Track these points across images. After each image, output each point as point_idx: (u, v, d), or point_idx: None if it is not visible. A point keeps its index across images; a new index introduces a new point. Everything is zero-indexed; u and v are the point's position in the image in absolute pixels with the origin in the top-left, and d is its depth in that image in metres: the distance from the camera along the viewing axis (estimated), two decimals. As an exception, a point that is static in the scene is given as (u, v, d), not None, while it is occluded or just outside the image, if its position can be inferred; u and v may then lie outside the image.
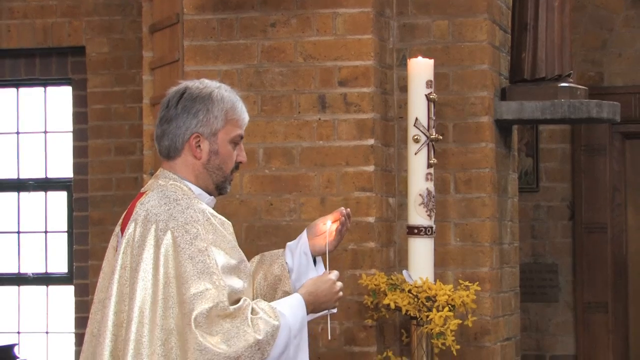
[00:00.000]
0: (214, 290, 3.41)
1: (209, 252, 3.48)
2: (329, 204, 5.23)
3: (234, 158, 3.69)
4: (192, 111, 3.60)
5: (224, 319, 3.41)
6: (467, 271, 5.43)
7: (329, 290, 3.71)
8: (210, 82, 3.71)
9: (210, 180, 3.67)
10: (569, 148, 7.00)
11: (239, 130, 3.67)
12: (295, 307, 3.61)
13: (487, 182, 5.49)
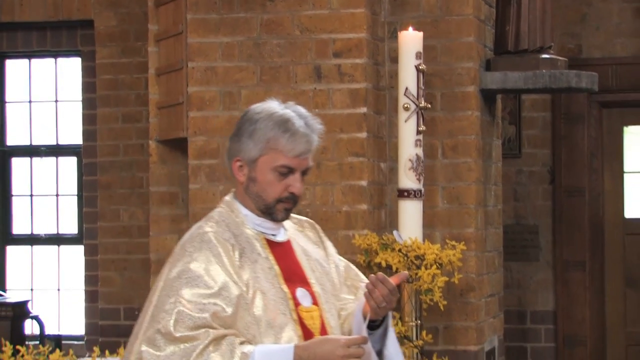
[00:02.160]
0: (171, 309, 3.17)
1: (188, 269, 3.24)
2: (324, 169, 5.24)
3: (280, 187, 3.32)
4: (240, 134, 3.37)
5: (171, 343, 3.15)
6: (453, 232, 5.43)
7: (332, 351, 3.16)
8: (272, 105, 3.39)
9: (253, 205, 3.38)
10: (550, 116, 6.99)
11: (284, 160, 3.30)
12: (274, 356, 3.18)
13: (473, 148, 5.49)
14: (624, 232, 7.04)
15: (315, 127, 3.38)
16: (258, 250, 3.35)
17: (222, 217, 3.40)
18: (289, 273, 3.39)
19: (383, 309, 3.28)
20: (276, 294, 3.30)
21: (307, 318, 3.34)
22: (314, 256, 3.53)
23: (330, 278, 3.52)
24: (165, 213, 5.90)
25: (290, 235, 3.50)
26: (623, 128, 7.04)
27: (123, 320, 7.48)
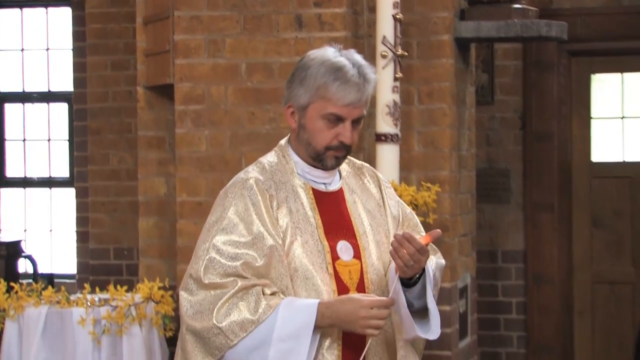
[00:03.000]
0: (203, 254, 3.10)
1: (225, 216, 3.12)
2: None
3: (329, 135, 3.15)
4: (293, 80, 3.21)
5: (202, 289, 3.06)
6: (428, 174, 5.44)
7: (354, 312, 3.01)
8: (326, 52, 3.21)
9: (304, 152, 3.22)
10: (521, 64, 6.97)
11: (333, 109, 3.12)
12: (299, 311, 3.04)
13: (447, 95, 5.49)
14: (590, 176, 7.05)
15: (369, 76, 3.18)
16: (302, 201, 3.21)
17: (271, 164, 3.27)
18: (333, 225, 3.22)
19: (412, 268, 3.07)
20: (314, 246, 3.16)
21: (343, 272, 3.18)
22: (369, 206, 3.34)
23: (386, 229, 3.32)
24: (153, 157, 5.88)
25: (346, 183, 3.33)
26: (591, 76, 7.03)
27: (113, 259, 7.49)
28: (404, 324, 3.18)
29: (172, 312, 5.13)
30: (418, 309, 3.19)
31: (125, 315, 4.95)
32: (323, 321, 3.04)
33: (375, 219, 3.32)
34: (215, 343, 3.03)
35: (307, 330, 3.02)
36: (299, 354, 3.02)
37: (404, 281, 3.13)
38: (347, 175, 3.35)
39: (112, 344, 4.95)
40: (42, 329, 4.94)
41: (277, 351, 3.02)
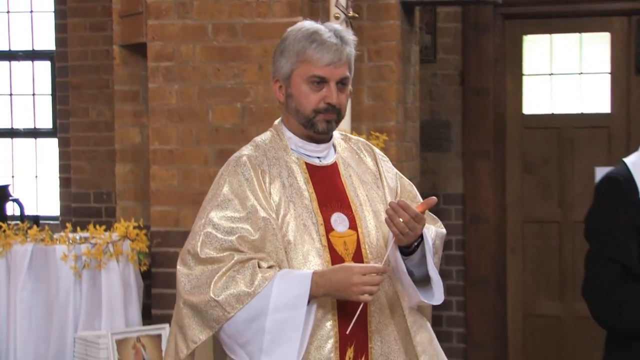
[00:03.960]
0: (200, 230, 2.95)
1: (220, 193, 2.98)
2: (265, 70, 5.20)
3: (315, 98, 2.98)
4: (274, 55, 3.07)
5: (199, 263, 2.90)
6: (377, 125, 5.45)
7: (347, 279, 2.81)
8: (303, 23, 3.08)
9: (296, 123, 3.05)
10: (460, 27, 6.96)
11: (315, 70, 2.95)
12: (293, 282, 2.86)
13: (394, 53, 5.48)
14: (522, 126, 7.08)
15: (347, 37, 3.02)
16: (295, 175, 3.03)
17: (264, 141, 3.10)
18: (327, 198, 3.04)
19: (408, 236, 2.88)
20: (308, 218, 2.97)
21: (338, 244, 2.99)
22: (365, 178, 3.15)
23: (383, 201, 3.12)
24: (128, 109, 5.86)
25: (341, 157, 3.14)
26: (523, 37, 7.04)
27: (92, 202, 7.48)
28: (407, 291, 3.03)
29: (145, 248, 5.14)
30: (420, 276, 3.03)
31: (103, 251, 4.94)
32: (318, 290, 2.86)
33: (371, 190, 3.14)
34: (213, 315, 2.85)
35: (302, 299, 2.84)
36: (296, 324, 2.84)
37: (402, 250, 2.96)
38: (343, 150, 3.17)
39: (91, 277, 4.95)
40: (28, 264, 4.93)
41: (274, 321, 2.83)
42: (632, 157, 3.45)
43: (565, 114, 7.02)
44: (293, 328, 2.84)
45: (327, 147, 3.11)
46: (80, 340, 4.86)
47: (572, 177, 6.93)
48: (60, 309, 4.91)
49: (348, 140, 3.23)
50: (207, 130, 5.29)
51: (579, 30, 6.95)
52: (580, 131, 6.91)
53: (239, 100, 5.25)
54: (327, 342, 2.95)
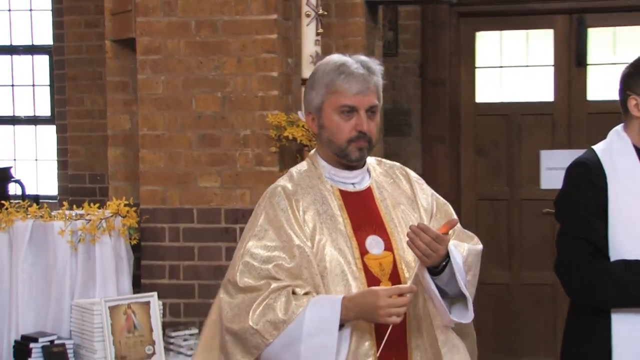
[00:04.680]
0: (239, 260, 2.84)
1: (257, 223, 2.87)
2: (243, 63, 5.19)
3: (347, 127, 2.84)
4: (306, 89, 2.97)
5: (239, 292, 2.79)
6: (344, 112, 5.44)
7: (373, 303, 2.67)
8: (331, 56, 2.97)
9: (329, 152, 2.92)
10: (419, 24, 6.95)
11: (345, 100, 2.83)
12: (324, 307, 2.72)
13: (360, 47, 5.46)
14: (475, 114, 7.09)
15: (373, 67, 2.91)
16: (329, 202, 2.88)
17: (299, 172, 2.97)
18: (361, 221, 2.88)
19: (431, 257, 2.71)
20: (343, 243, 2.83)
21: (373, 266, 2.84)
22: (401, 201, 2.99)
23: (419, 221, 2.94)
24: (119, 98, 5.84)
25: (375, 182, 3.00)
26: (475, 33, 7.04)
27: (87, 183, 7.44)
28: (438, 311, 2.85)
29: (135, 224, 5.11)
30: (454, 294, 2.86)
31: (97, 227, 4.91)
32: (348, 315, 2.72)
33: (407, 212, 2.97)
34: (252, 342, 2.74)
35: (334, 324, 2.70)
36: (329, 347, 2.71)
37: (431, 270, 2.78)
38: (377, 174, 3.03)
39: (86, 250, 4.93)
40: (28, 239, 4.90)
41: (308, 346, 2.70)
42: (600, 145, 3.48)
43: (513, 102, 7.04)
44: (326, 351, 2.72)
45: (361, 172, 2.98)
46: (76, 307, 4.85)
47: (520, 159, 6.96)
48: (58, 279, 4.89)
49: (382, 164, 3.10)
50: (190, 117, 5.27)
51: (526, 27, 6.97)
52: (527, 118, 6.94)
53: (220, 90, 5.23)
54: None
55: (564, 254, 3.39)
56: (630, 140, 3.45)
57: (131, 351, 4.80)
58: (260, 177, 5.20)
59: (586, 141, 6.67)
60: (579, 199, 3.35)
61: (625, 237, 3.28)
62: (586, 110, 6.78)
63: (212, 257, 5.26)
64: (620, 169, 3.35)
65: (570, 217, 3.39)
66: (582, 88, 6.81)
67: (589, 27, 6.75)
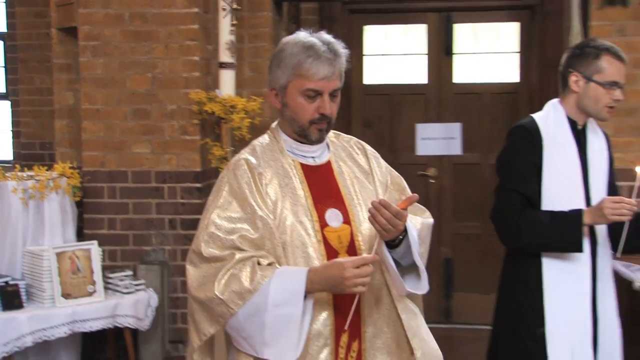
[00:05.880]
0: (203, 230, 2.47)
1: (221, 195, 2.49)
2: (170, 49, 5.14)
3: (310, 109, 2.48)
4: (272, 65, 2.55)
5: (203, 262, 2.44)
6: (255, 90, 5.43)
7: (339, 274, 2.33)
8: (298, 35, 2.54)
9: (290, 129, 2.55)
10: (317, 18, 6.92)
11: (310, 84, 2.46)
12: (290, 279, 2.38)
13: (267, 37, 5.46)
14: (363, 93, 7.12)
15: (339, 51, 2.51)
16: (291, 175, 2.53)
17: (262, 145, 2.61)
18: (321, 195, 2.54)
19: (391, 232, 2.40)
20: (303, 215, 2.48)
21: (332, 238, 2.49)
22: (358, 174, 2.65)
23: (374, 195, 2.63)
24: (64, 78, 5.74)
25: (334, 156, 2.64)
26: (363, 27, 7.07)
27: (38, 150, 7.28)
28: (394, 282, 2.54)
29: (78, 184, 5.05)
30: (407, 265, 2.54)
31: (45, 186, 4.83)
32: (313, 287, 2.38)
33: (364, 186, 2.63)
34: (218, 312, 2.40)
35: (299, 296, 2.36)
36: (294, 318, 2.37)
37: (388, 243, 2.48)
38: (335, 148, 2.67)
39: (36, 206, 4.85)
40: (-15, 196, 4.81)
41: (273, 316, 2.36)
42: (539, 114, 3.42)
43: (394, 84, 7.09)
44: (291, 322, 2.37)
45: (321, 147, 2.62)
46: (27, 253, 4.77)
47: (399, 131, 7.03)
48: (12, 230, 4.80)
49: (340, 138, 2.73)
50: (125, 94, 5.21)
51: (405, 22, 7.02)
52: (405, 97, 7.00)
53: (150, 71, 5.18)
54: (324, 329, 2.48)
55: (500, 203, 3.29)
56: (565, 112, 3.40)
57: (75, 290, 4.74)
58: (184, 144, 5.18)
59: (452, 116, 6.81)
60: (517, 157, 3.29)
61: (555, 192, 3.26)
62: (452, 91, 6.88)
63: (144, 211, 5.23)
64: (555, 135, 3.31)
65: (508, 171, 3.30)
66: (449, 73, 6.90)
67: (455, 23, 6.84)
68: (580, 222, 3.17)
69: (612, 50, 3.30)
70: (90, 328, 4.70)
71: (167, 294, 5.22)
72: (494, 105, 6.83)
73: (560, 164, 3.27)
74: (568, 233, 3.18)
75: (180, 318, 5.26)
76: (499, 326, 3.44)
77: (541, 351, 3.25)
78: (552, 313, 3.25)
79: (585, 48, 3.35)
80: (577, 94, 3.36)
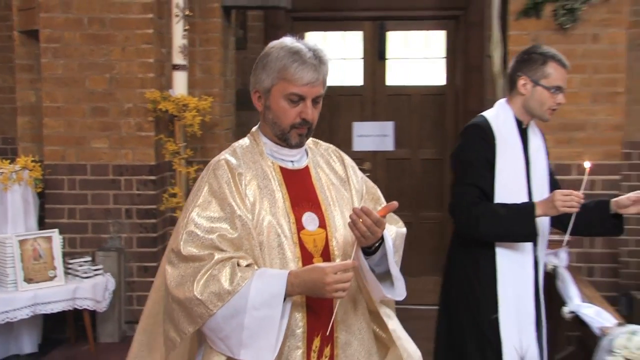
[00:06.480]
0: (182, 229, 2.26)
1: (200, 194, 2.29)
2: (127, 51, 5.08)
3: (292, 114, 2.30)
4: (256, 68, 2.36)
5: (182, 261, 2.23)
6: (206, 91, 5.40)
7: (320, 279, 2.16)
8: (284, 40, 2.34)
9: (271, 132, 2.36)
10: (263, 25, 6.92)
11: (294, 89, 2.28)
12: (270, 281, 2.19)
13: (217, 42, 5.43)
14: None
15: (324, 58, 2.33)
16: (270, 178, 2.34)
17: (242, 147, 2.40)
18: (299, 198, 2.36)
19: (369, 239, 2.24)
20: (281, 217, 2.30)
21: (308, 241, 2.31)
22: (334, 181, 2.46)
23: (350, 202, 2.45)
24: (26, 77, 5.65)
25: (312, 161, 2.45)
26: (305, 33, 7.06)
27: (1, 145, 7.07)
28: (371, 287, 2.38)
29: (40, 176, 4.98)
30: (381, 273, 2.38)
31: (9, 178, 4.75)
32: (293, 290, 2.20)
33: (340, 192, 2.45)
34: (197, 312, 2.19)
35: (279, 298, 2.17)
36: (272, 320, 2.18)
37: (364, 250, 2.32)
38: (314, 155, 2.48)
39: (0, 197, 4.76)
40: (-48, 188, 4.69)
41: (252, 318, 2.17)
42: (490, 112, 3.38)
43: (333, 86, 7.09)
44: (270, 325, 2.18)
45: (300, 152, 2.42)
46: (-8, 241, 4.67)
47: (338, 128, 7.05)
48: (-23, 220, 4.70)
49: (319, 145, 2.55)
50: (84, 93, 5.14)
51: (343, 29, 7.05)
52: (343, 97, 7.03)
53: (108, 72, 5.11)
54: (295, 331, 2.30)
55: (458, 197, 3.24)
56: (513, 112, 3.35)
57: (37, 275, 4.67)
58: (140, 140, 5.13)
59: (385, 115, 6.86)
60: (473, 153, 3.25)
61: (505, 186, 3.25)
62: (385, 92, 6.94)
63: (102, 202, 5.17)
64: (505, 134, 3.30)
65: (464, 167, 3.26)
66: (383, 76, 6.95)
67: (388, 30, 6.89)
68: (534, 214, 3.17)
69: (557, 58, 3.32)
70: (51, 310, 4.64)
71: (124, 278, 5.17)
72: (423, 106, 6.91)
73: (510, 161, 3.27)
74: (523, 224, 3.17)
75: (135, 300, 5.22)
76: (458, 314, 3.40)
77: (496, 335, 3.26)
78: (504, 300, 3.26)
79: (532, 54, 3.35)
80: (524, 97, 3.35)
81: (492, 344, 3.26)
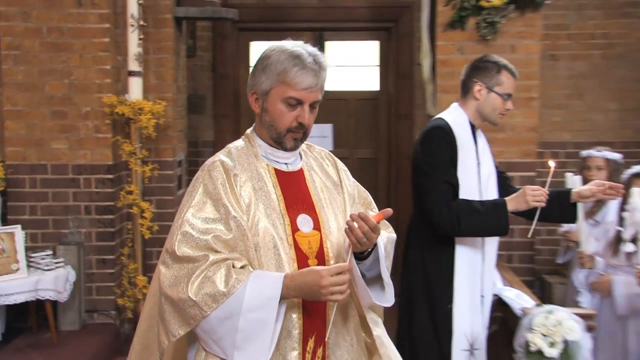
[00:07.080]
0: (177, 230, 2.10)
1: (195, 195, 2.14)
2: (84, 58, 5.00)
3: (289, 117, 2.16)
4: (255, 69, 2.20)
5: (176, 262, 2.07)
6: (160, 95, 5.33)
7: (316, 282, 2.00)
8: (285, 43, 2.21)
9: (267, 135, 2.21)
10: (211, 34, 6.88)
11: (292, 92, 2.14)
12: (266, 284, 2.04)
13: (170, 50, 5.37)
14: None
15: (324, 64, 2.19)
16: (265, 180, 2.19)
17: (237, 148, 2.24)
18: (294, 200, 2.21)
19: (364, 244, 2.10)
20: (276, 219, 2.15)
21: (303, 243, 2.16)
22: (328, 184, 2.33)
23: (342, 205, 2.31)
24: (-13, 82, 5.47)
25: (306, 164, 2.32)
26: (250, 42, 7.07)
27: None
28: (361, 293, 2.22)
29: (2, 175, 4.86)
30: (371, 278, 2.23)
31: (-27, 178, 4.60)
32: (288, 293, 2.05)
33: (333, 196, 2.31)
34: (190, 314, 2.03)
35: (274, 301, 2.02)
36: (267, 323, 2.03)
37: (357, 255, 2.18)
38: (307, 158, 2.35)
39: (-36, 195, 4.61)
40: None
41: (246, 321, 2.02)
42: (447, 115, 3.33)
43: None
44: (264, 327, 2.03)
45: (294, 154, 2.28)
46: (-43, 237, 4.53)
47: (281, 130, 7.07)
48: (-58, 217, 4.55)
49: (313, 149, 2.41)
50: (44, 97, 5.03)
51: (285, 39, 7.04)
52: (285, 102, 7.04)
53: (67, 78, 5.01)
54: (292, 332, 2.16)
55: (434, 195, 3.16)
56: (467, 116, 3.33)
57: (1, 268, 4.55)
58: (97, 141, 5.04)
59: (325, 118, 6.89)
60: (439, 154, 3.18)
61: (465, 184, 3.22)
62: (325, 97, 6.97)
63: (62, 199, 5.07)
64: (462, 136, 3.28)
65: (434, 167, 3.18)
66: (322, 82, 6.98)
67: (326, 40, 6.93)
68: (506, 210, 3.15)
69: (509, 68, 3.33)
70: (15, 301, 4.52)
71: (83, 270, 5.08)
72: (358, 109, 6.97)
73: (466, 161, 3.26)
74: (499, 219, 3.13)
75: (94, 290, 5.14)
76: (417, 304, 3.38)
77: (449, 324, 3.29)
78: (459, 291, 3.27)
79: (486, 62, 3.33)
80: (478, 101, 3.34)
81: (445, 332, 3.28)
